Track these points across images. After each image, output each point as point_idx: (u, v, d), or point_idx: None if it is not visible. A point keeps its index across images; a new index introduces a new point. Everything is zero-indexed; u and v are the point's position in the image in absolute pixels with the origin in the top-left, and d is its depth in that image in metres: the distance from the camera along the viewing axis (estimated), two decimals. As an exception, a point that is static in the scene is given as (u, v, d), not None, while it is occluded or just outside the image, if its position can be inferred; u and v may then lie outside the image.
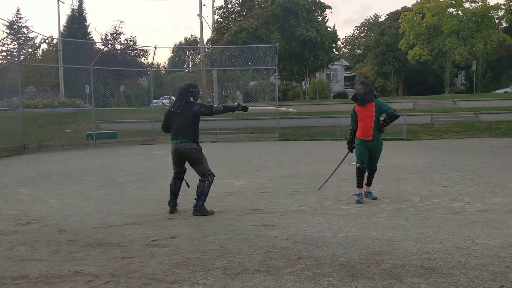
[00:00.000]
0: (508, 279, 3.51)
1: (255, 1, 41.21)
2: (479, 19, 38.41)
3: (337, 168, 8.02)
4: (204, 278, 3.71)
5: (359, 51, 61.42)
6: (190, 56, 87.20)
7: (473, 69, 40.63)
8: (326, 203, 6.94)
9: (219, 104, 6.43)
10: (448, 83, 39.55)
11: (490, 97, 32.70)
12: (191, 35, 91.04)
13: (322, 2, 42.32)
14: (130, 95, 36.73)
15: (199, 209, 6.21)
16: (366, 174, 7.20)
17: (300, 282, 3.57)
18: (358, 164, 7.07)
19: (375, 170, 7.26)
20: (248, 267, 3.94)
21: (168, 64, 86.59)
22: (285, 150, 16.26)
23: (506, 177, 9.01)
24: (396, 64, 44.62)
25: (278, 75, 40.97)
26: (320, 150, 15.61)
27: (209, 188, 6.34)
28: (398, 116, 6.97)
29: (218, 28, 41.84)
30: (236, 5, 42.64)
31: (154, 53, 32.24)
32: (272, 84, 37.08)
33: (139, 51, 41.94)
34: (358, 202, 6.90)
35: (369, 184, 7.27)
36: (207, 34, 50.63)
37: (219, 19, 42.82)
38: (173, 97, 53.95)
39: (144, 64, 40.68)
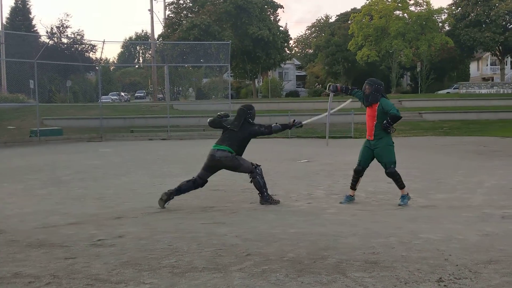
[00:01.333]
0: (446, 272, 3.67)
1: (208, -2, 40.95)
2: (424, 22, 39.98)
3: (328, 116, 7.69)
4: (151, 277, 3.64)
5: (311, 51, 62.40)
6: (141, 51, 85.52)
7: (417, 70, 42.24)
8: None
9: (276, 123, 6.74)
10: (394, 83, 40.92)
11: (433, 97, 34.16)
12: (142, 31, 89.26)
13: (274, 1, 42.68)
14: (77, 90, 35.54)
15: (266, 199, 6.54)
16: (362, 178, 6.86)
17: (248, 278, 3.58)
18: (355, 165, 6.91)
19: (391, 173, 6.62)
20: (196, 265, 3.91)
21: (117, 59, 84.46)
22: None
23: (449, 174, 9.43)
24: (345, 64, 45.69)
25: (231, 73, 40.92)
26: (271, 148, 15.74)
27: (263, 178, 6.56)
28: (399, 117, 6.55)
29: (169, 24, 41.27)
30: (188, 1, 42.21)
31: (103, 48, 31.63)
32: (225, 81, 36.99)
33: (86, 45, 40.65)
34: (340, 203, 6.74)
35: (399, 187, 6.67)
36: (158, 29, 49.83)
37: (170, 15, 42.25)
38: (122, 94, 52.70)
39: (92, 59, 39.47)
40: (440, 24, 43.55)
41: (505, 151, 13.94)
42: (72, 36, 42.67)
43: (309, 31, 70.00)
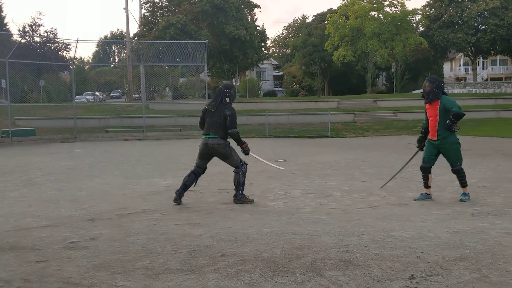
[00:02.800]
0: (418, 269, 3.74)
1: (184, -3, 40.69)
2: (399, 23, 40.54)
3: (403, 167, 7.76)
4: (124, 279, 3.61)
5: (288, 51, 62.64)
6: (116, 51, 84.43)
7: (393, 71, 42.87)
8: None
9: (237, 132, 6.68)
10: (370, 83, 41.41)
11: (408, 97, 34.69)
12: (117, 29, 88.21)
13: (251, 1, 42.70)
14: (51, 90, 34.88)
15: (240, 198, 6.67)
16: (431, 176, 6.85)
17: (222, 279, 3.58)
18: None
19: (457, 170, 6.65)
20: (170, 266, 3.89)
21: (92, 58, 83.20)
22: (214, 148, 16.20)
23: (420, 173, 9.57)
24: (322, 65, 45.98)
25: (208, 72, 40.77)
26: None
27: (244, 177, 6.73)
28: (463, 114, 6.44)
29: (145, 22, 40.85)
30: (164, 0, 41.85)
31: (76, 47, 31.01)
32: (202, 81, 36.85)
33: (60, 44, 39.87)
34: (414, 199, 6.79)
35: (461, 185, 6.77)
36: (134, 28, 49.30)
37: (146, 14, 41.82)
38: (97, 93, 51.99)
39: (66, 58, 38.76)
40: (415, 25, 44.26)
41: (476, 150, 14.26)
42: (45, 34, 41.83)
43: (286, 31, 70.29)
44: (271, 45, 65.81)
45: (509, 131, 20.49)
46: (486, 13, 40.46)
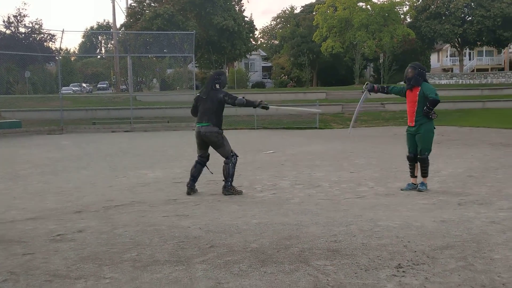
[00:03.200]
0: (405, 258, 3.78)
1: (171, -13, 40.27)
2: (386, 14, 40.61)
3: (357, 110, 7.90)
4: (112, 271, 3.59)
5: (276, 42, 62.45)
6: (103, 41, 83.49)
7: (380, 62, 42.99)
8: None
9: (243, 97, 6.66)
10: (358, 74, 41.53)
11: (395, 88, 34.76)
12: (104, 20, 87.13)
13: (239, -9, 42.45)
14: (36, 82, 34.39)
15: (228, 189, 6.65)
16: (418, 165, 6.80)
17: (211, 270, 3.58)
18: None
19: (423, 159, 6.69)
20: (158, 258, 3.87)
21: (79, 49, 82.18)
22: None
23: (407, 163, 9.64)
24: (310, 56, 45.95)
25: (196, 63, 40.51)
26: (236, 139, 15.68)
27: (234, 168, 6.70)
28: (438, 101, 6.49)
29: (132, 13, 40.40)
30: (151, -10, 41.41)
31: (62, 38, 30.42)
32: (189, 72, 36.60)
33: (45, 35, 39.29)
34: (401, 190, 6.83)
35: (422, 175, 6.78)
36: (121, 19, 48.76)
37: (133, 4, 41.35)
38: (84, 85, 51.44)
39: (52, 49, 38.22)
40: (402, 16, 44.37)
41: (463, 140, 14.40)
42: (30, 25, 41.18)
43: (275, 22, 70.01)
44: (259, 36, 65.57)
45: (495, 121, 20.72)
46: (472, 4, 40.71)
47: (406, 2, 42.98)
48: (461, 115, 24.32)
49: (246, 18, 42.85)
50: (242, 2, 43.80)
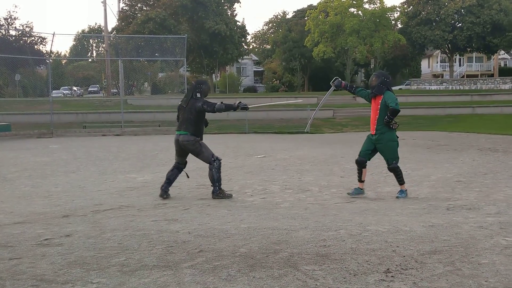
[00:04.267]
0: (394, 263, 3.78)
1: (163, -9, 40.28)
2: (377, 20, 40.90)
3: (321, 103, 7.99)
4: (99, 276, 3.56)
5: (268, 47, 62.59)
6: (94, 45, 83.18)
7: (371, 67, 43.27)
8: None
9: (221, 103, 6.67)
10: (349, 79, 41.72)
11: (386, 93, 34.98)
12: (95, 23, 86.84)
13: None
14: (27, 85, 34.13)
15: (217, 194, 6.68)
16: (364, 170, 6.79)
17: (199, 275, 3.56)
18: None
19: (393, 168, 6.63)
20: (146, 263, 3.85)
21: (70, 53, 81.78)
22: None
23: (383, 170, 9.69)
24: (302, 61, 46.12)
25: (187, 67, 40.47)
26: (227, 143, 15.70)
27: (218, 173, 6.68)
28: (398, 111, 6.45)
29: (123, 17, 40.35)
30: (143, -6, 41.39)
31: (53, 41, 30.26)
32: (181, 76, 36.53)
33: (36, 38, 39.05)
34: (348, 194, 6.80)
35: (399, 183, 6.72)
36: (112, 23, 48.49)
37: (124, 8, 41.30)
38: (75, 88, 51.16)
39: (42, 52, 38.00)
40: (393, 22, 44.74)
41: (452, 145, 14.51)
42: (21, 28, 40.92)
43: (267, 27, 70.22)
44: (251, 41, 65.70)
45: (484, 126, 20.91)
46: (462, 10, 41.12)
47: (397, 8, 43.37)
48: (450, 121, 24.52)
49: (238, 23, 42.95)
50: (234, 7, 43.92)
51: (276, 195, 7.06)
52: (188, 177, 7.17)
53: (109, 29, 40.71)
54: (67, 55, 76.79)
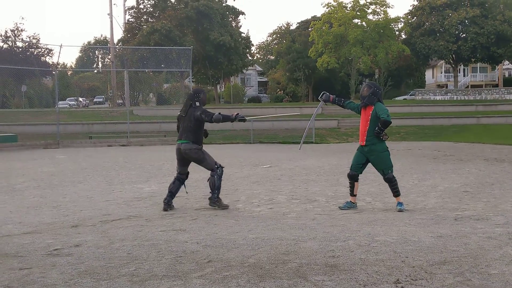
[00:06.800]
0: (403, 273, 3.78)
1: (168, 3, 40.64)
2: (381, 30, 41.04)
3: (310, 122, 8.05)
4: (109, 286, 3.58)
5: (272, 57, 62.86)
6: (100, 56, 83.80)
7: (376, 77, 43.34)
8: (238, 206, 7.01)
9: (219, 113, 6.69)
10: (353, 89, 41.72)
11: (391, 103, 35.04)
12: (101, 35, 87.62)
13: (236, 8, 42.87)
14: (33, 96, 34.41)
15: (214, 201, 6.70)
16: (357, 183, 6.73)
17: (209, 285, 3.57)
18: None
19: (389, 178, 6.52)
20: (156, 273, 3.86)
21: (76, 64, 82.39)
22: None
23: (404, 178, 9.69)
24: (306, 71, 46.25)
25: (192, 78, 40.65)
26: (233, 153, 15.74)
27: (220, 181, 6.73)
28: (390, 122, 6.42)
29: (129, 28, 40.68)
30: (149, 6, 41.75)
31: (60, 52, 30.53)
32: (186, 87, 36.70)
33: (43, 49, 39.42)
34: (339, 207, 6.69)
35: (394, 195, 6.60)
36: (118, 34, 48.87)
37: (130, 20, 41.67)
38: (81, 99, 51.49)
39: (49, 64, 38.35)
40: (397, 33, 44.85)
41: (458, 155, 14.47)
42: (28, 40, 41.34)
43: (271, 38, 70.57)
44: (255, 52, 66.05)
45: (489, 137, 20.86)
46: (466, 21, 41.20)
47: (401, 19, 43.53)
48: (456, 131, 24.47)
49: (242, 34, 43.21)
50: (239, 18, 44.24)
51: (283, 205, 7.07)
52: (187, 193, 7.18)
53: (115, 40, 41.06)
54: (73, 66, 77.41)
